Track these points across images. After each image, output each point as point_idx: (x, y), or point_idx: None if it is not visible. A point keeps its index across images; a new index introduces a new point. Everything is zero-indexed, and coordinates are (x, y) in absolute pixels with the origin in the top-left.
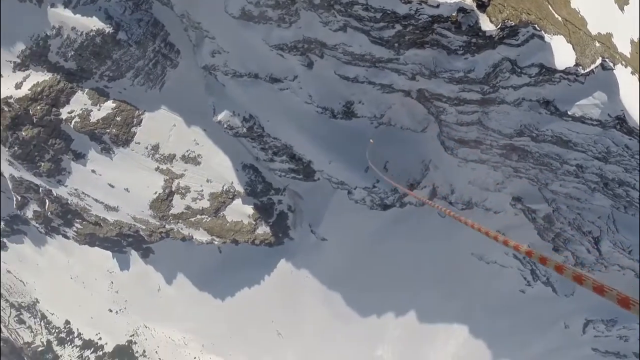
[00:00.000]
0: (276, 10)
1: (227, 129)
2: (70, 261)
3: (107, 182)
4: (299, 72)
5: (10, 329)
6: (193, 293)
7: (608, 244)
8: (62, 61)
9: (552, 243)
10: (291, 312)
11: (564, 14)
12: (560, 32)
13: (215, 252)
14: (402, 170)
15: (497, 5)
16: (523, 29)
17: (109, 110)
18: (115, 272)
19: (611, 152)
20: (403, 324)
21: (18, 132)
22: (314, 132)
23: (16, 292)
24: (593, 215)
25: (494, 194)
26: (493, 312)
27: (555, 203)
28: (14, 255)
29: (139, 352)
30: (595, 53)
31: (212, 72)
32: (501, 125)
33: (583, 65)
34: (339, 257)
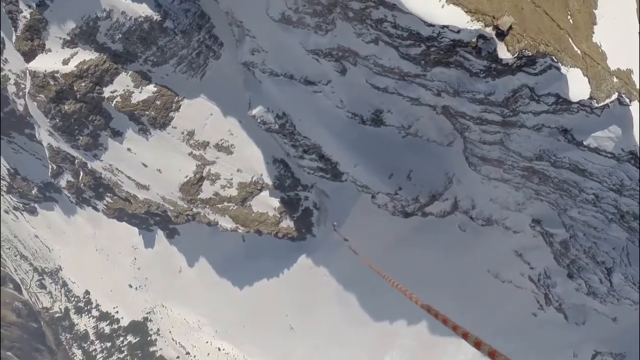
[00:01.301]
0: (314, 18)
1: (260, 124)
2: (97, 233)
3: (141, 162)
4: (332, 77)
5: (31, 292)
6: (213, 278)
7: (620, 276)
8: (109, 42)
9: (567, 269)
10: (306, 309)
11: (584, 47)
12: (578, 65)
13: (238, 240)
14: (425, 180)
15: (516, 34)
16: (541, 59)
17: (150, 94)
18: (140, 248)
19: (625, 186)
20: (414, 332)
21: (61, 106)
22: (343, 135)
23: (41, 257)
24: (608, 246)
25: (514, 214)
26: (504, 332)
27: (572, 229)
28: (43, 221)
29: (153, 330)
30: (611, 88)
31: (250, 69)
32: (522, 148)
33: (597, 99)
34: (357, 259)
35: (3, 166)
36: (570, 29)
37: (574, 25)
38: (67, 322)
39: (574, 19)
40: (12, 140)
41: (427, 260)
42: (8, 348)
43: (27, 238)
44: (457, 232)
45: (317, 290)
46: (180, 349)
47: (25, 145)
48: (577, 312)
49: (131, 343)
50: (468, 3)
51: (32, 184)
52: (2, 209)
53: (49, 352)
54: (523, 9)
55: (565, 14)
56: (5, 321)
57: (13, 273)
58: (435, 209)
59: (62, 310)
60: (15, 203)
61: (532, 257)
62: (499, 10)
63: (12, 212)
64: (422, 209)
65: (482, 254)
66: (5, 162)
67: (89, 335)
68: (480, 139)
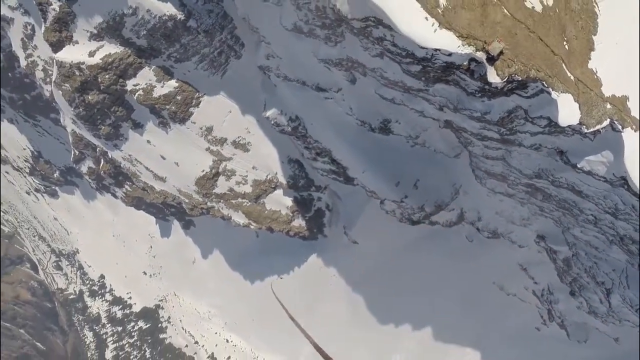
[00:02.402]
0: (323, 30)
1: (273, 125)
2: (115, 219)
3: (160, 154)
4: (343, 85)
5: (47, 273)
6: (225, 271)
7: (618, 298)
8: (134, 38)
9: (570, 287)
10: (314, 307)
11: (578, 73)
12: (569, 91)
13: (252, 235)
14: (432, 190)
15: (507, 59)
16: (532, 84)
17: (171, 89)
18: (156, 237)
19: (619, 210)
20: (418, 337)
21: (85, 96)
22: (352, 141)
23: (59, 239)
24: (608, 267)
25: (519, 228)
26: (506, 344)
27: (575, 248)
28: (63, 204)
29: (165, 317)
30: (603, 114)
31: (266, 72)
32: (522, 165)
33: (587, 125)
34: (366, 262)
35: (27, 148)
36: (565, 54)
37: (570, 51)
38: (80, 304)
39: (570, 45)
40: (37, 124)
41: (433, 268)
42: (21, 325)
43: (47, 220)
44: (464, 241)
45: (326, 290)
46: (190, 338)
47: (50, 129)
48: (579, 329)
49: (142, 329)
50: (460, 28)
51: (54, 168)
52: (24, 190)
53: (61, 332)
54: (517, 34)
55: (562, 39)
56: (20, 299)
57: (31, 253)
58: (441, 218)
59: (77, 293)
60: (37, 185)
61: (536, 272)
62: (491, 36)
63: (34, 193)
64: (427, 218)
65: (488, 265)
66: (30, 144)
67: (101, 318)
68: (483, 153)
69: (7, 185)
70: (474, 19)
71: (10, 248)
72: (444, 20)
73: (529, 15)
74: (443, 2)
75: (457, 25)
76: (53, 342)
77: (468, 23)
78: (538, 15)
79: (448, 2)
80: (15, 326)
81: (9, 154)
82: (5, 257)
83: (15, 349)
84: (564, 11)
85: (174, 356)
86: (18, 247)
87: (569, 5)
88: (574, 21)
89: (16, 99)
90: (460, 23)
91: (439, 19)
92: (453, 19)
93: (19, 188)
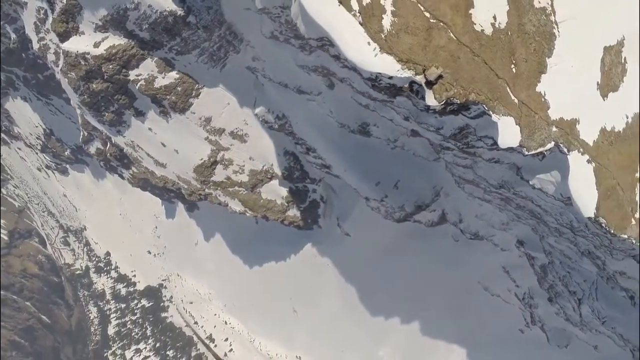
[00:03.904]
0: (297, 40)
1: (262, 122)
2: (122, 199)
3: (160, 141)
4: (322, 89)
5: (55, 248)
6: (226, 255)
7: (587, 308)
8: (137, 30)
9: (548, 293)
10: (309, 294)
11: (522, 97)
12: (511, 114)
13: (252, 221)
14: (412, 191)
15: (446, 83)
16: (474, 106)
17: (172, 80)
18: (161, 218)
19: (574, 227)
20: (406, 331)
21: (89, 84)
22: (334, 141)
23: (67, 215)
24: (580, 277)
25: (500, 232)
26: (491, 344)
27: (551, 256)
28: (72, 182)
29: (167, 297)
30: (547, 137)
31: (254, 73)
32: (488, 175)
33: (527, 148)
34: (358, 254)
35: (39, 126)
36: (511, 77)
37: (517, 74)
38: (86, 280)
39: (517, 68)
40: (50, 102)
41: (422, 266)
42: (28, 298)
43: (56, 196)
44: (450, 241)
45: (320, 278)
46: (190, 318)
47: (62, 108)
48: (559, 335)
49: (144, 307)
50: (400, 52)
51: (65, 146)
52: (35, 166)
53: (66, 306)
54: (460, 58)
55: (509, 62)
56: (27, 272)
57: (40, 228)
58: (423, 218)
59: (83, 268)
60: (48, 162)
61: (518, 275)
62: (432, 60)
63: (45, 170)
64: (408, 218)
65: (473, 265)
66: (42, 122)
67: (105, 294)
68: (454, 160)
69: (19, 161)
70: (416, 43)
71: (20, 222)
72: (386, 44)
73: (476, 39)
74: (387, 27)
75: (398, 49)
76: (58, 316)
77: (409, 47)
78: (486, 39)
79: (392, 27)
80: (22, 299)
81: (22, 130)
82: (15, 231)
83: (21, 321)
84: (517, 33)
85: (174, 335)
86: (28, 221)
87: (523, 28)
88: (526, 44)
89: (30, 78)
90: (401, 47)
91: (380, 44)
92: (395, 44)
93: (31, 164)
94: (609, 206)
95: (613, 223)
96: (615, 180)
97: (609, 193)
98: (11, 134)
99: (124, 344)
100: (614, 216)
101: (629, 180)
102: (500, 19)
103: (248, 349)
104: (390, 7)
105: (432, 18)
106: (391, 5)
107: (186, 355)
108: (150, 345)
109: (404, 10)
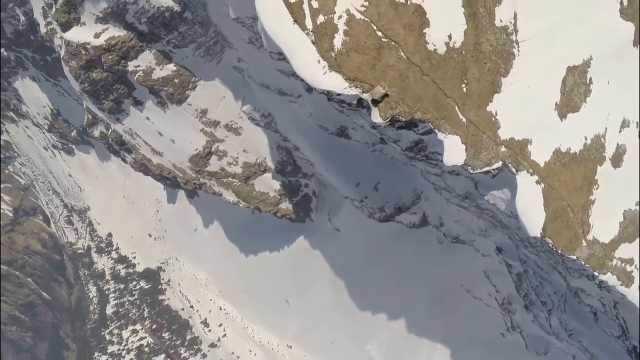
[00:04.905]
0: None
1: (249, 119)
2: (126, 181)
3: (157, 130)
4: (302, 92)
5: (59, 226)
6: (223, 242)
7: (556, 319)
8: (136, 23)
9: (524, 300)
10: (301, 286)
11: (471, 116)
12: (458, 133)
13: (248, 212)
14: (392, 193)
15: (391, 102)
16: (421, 123)
17: (169, 72)
18: (163, 202)
19: (532, 244)
20: (392, 328)
21: (90, 73)
22: (316, 142)
23: (72, 195)
24: (551, 289)
25: (480, 238)
26: (474, 345)
27: (525, 265)
28: (78, 162)
29: (165, 280)
30: (494, 157)
31: (240, 72)
32: (455, 185)
33: (473, 166)
34: (347, 249)
35: (47, 106)
36: (461, 97)
37: (467, 94)
38: (87, 259)
39: (468, 87)
40: (58, 84)
41: (406, 265)
42: (29, 275)
43: (62, 176)
44: (435, 242)
45: (311, 271)
46: (186, 302)
47: (70, 90)
48: (537, 342)
49: (143, 288)
50: (348, 71)
51: (72, 127)
52: (42, 146)
53: (67, 284)
54: (408, 77)
55: (460, 82)
56: (30, 249)
57: (44, 206)
58: (404, 219)
59: (85, 248)
60: (55, 142)
61: (498, 281)
62: (380, 78)
63: (51, 149)
64: (389, 219)
65: (457, 267)
66: (50, 102)
67: (105, 274)
68: (425, 169)
69: (26, 139)
70: (365, 62)
71: (25, 200)
72: (335, 63)
73: (427, 58)
74: (338, 46)
75: (346, 68)
76: (58, 293)
77: (358, 66)
78: (438, 58)
79: (343, 46)
80: (24, 274)
81: (30, 110)
82: (20, 208)
83: (22, 297)
84: (471, 53)
85: (170, 317)
86: (33, 199)
87: (479, 47)
88: (481, 63)
89: (38, 59)
90: (349, 66)
91: (329, 62)
92: (344, 62)
93: (37, 143)
94: (557, 227)
95: (561, 244)
96: (565, 202)
97: (557, 214)
98: (19, 112)
99: (121, 324)
100: (562, 237)
101: (582, 202)
102: (456, 38)
103: (241, 335)
104: (343, 27)
105: (384, 37)
106: (344, 24)
107: (181, 338)
108: (147, 326)
109: (356, 30)
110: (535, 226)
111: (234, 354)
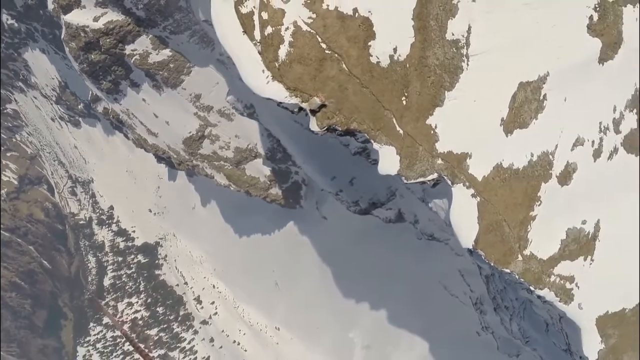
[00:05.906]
0: None
1: (233, 109)
2: (130, 156)
3: (153, 112)
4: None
5: (62, 196)
6: (219, 222)
7: (515, 325)
8: (134, 8)
9: (493, 302)
10: (289, 270)
11: (408, 128)
12: (393, 144)
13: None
14: (367, 188)
15: (329, 112)
16: (359, 133)
17: (165, 57)
18: (164, 179)
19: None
20: (374, 318)
21: (88, 54)
22: (292, 135)
23: (77, 166)
24: (513, 295)
25: (453, 237)
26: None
27: (492, 269)
28: (84, 135)
29: (162, 255)
30: (429, 169)
31: (224, 64)
32: (412, 188)
33: (406, 177)
34: (333, 238)
35: (55, 78)
36: (399, 109)
37: (406, 106)
38: (88, 231)
39: (409, 100)
40: (66, 57)
41: (387, 258)
42: (31, 242)
43: (67, 147)
44: (415, 239)
45: (300, 256)
46: (181, 278)
47: None
48: (508, 344)
49: (140, 262)
50: (289, 81)
51: (79, 100)
52: (49, 117)
53: (67, 254)
54: (347, 89)
55: (401, 95)
56: (33, 218)
57: (49, 176)
58: (380, 214)
59: (86, 219)
60: (62, 113)
61: (472, 280)
62: (320, 89)
63: (58, 120)
64: (364, 212)
65: (434, 264)
66: (58, 75)
67: (104, 246)
68: None
69: (34, 109)
70: (306, 73)
71: (31, 169)
72: (277, 73)
73: (368, 71)
74: (282, 57)
75: (288, 78)
76: (59, 262)
77: (299, 77)
78: (380, 70)
79: (287, 57)
80: (26, 242)
81: (39, 81)
82: (25, 177)
83: (22, 264)
84: (415, 66)
85: (165, 292)
86: (38, 168)
87: (424, 61)
88: (424, 77)
89: (47, 32)
90: (291, 77)
91: (273, 72)
92: (286, 72)
93: (45, 114)
94: (490, 240)
95: (494, 257)
96: (501, 216)
97: (491, 228)
98: (28, 83)
99: (117, 296)
100: (495, 250)
101: (520, 218)
102: (402, 51)
103: (232, 314)
104: (289, 38)
105: (327, 49)
106: (290, 36)
107: (175, 313)
108: (142, 300)
109: (301, 41)
110: (468, 238)
111: (224, 332)
